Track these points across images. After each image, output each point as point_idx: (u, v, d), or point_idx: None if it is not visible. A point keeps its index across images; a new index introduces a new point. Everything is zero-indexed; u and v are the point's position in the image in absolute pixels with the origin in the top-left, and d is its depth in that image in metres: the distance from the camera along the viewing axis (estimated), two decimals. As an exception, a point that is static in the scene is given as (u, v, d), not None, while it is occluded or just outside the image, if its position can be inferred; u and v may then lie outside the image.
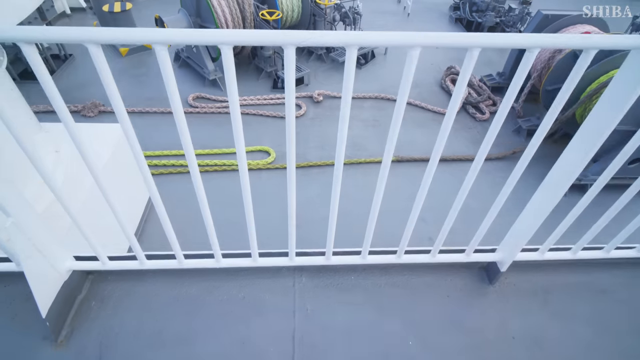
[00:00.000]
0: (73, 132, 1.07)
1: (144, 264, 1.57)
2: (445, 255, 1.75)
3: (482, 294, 1.81)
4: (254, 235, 1.54)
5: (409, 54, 1.00)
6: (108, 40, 0.89)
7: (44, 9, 7.38)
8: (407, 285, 1.80)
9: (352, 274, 1.81)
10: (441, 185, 5.78)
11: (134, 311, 1.62)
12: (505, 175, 1.40)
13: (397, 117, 1.16)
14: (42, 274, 1.40)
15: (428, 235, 5.36)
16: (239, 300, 1.68)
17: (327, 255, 1.67)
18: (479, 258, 1.77)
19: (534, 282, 1.87)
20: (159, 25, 7.16)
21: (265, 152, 6.22)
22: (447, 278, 1.84)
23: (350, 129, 6.81)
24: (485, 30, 9.99)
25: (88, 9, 10.37)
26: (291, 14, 8.07)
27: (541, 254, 1.78)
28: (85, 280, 1.66)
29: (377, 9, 11.39)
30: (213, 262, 1.62)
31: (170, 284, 1.71)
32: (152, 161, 5.84)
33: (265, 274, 1.77)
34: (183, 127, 1.08)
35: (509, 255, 1.72)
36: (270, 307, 1.68)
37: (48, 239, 1.42)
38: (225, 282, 1.73)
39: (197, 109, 6.94)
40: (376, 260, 1.73)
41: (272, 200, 5.52)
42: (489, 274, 1.85)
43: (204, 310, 1.65)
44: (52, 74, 7.63)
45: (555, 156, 1.33)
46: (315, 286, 1.76)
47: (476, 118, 7.12)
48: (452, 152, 6.44)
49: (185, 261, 1.60)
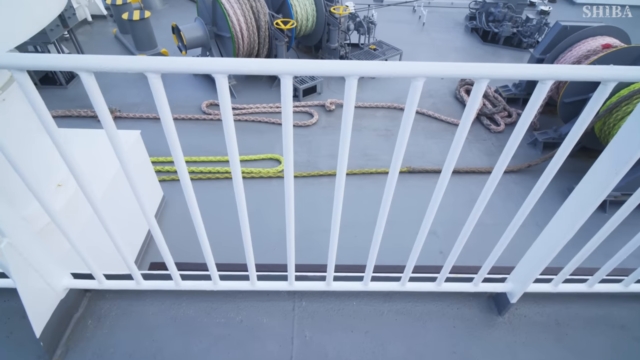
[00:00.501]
0: (68, 158, 1.04)
1: (140, 284, 1.55)
2: (452, 284, 1.67)
3: (491, 325, 1.72)
4: (252, 259, 1.50)
5: (413, 85, 0.95)
6: (98, 68, 0.87)
7: (66, 17, 7.57)
8: (411, 313, 1.73)
9: (355, 299, 1.75)
10: (454, 197, 5.68)
11: (131, 331, 1.60)
12: (519, 189, 1.30)
13: (398, 152, 1.10)
14: (37, 293, 1.39)
15: (439, 249, 5.24)
16: (237, 323, 1.64)
17: (328, 281, 1.61)
18: (487, 288, 1.69)
19: (546, 313, 1.77)
20: (175, 33, 7.29)
21: (276, 161, 6.22)
22: (454, 307, 1.76)
23: (362, 139, 6.75)
24: (502, 40, 9.82)
25: (109, 16, 10.66)
26: (305, 23, 8.09)
27: (554, 286, 1.68)
28: (83, 298, 1.65)
29: (392, 18, 11.34)
30: (210, 284, 1.59)
31: (168, 304, 1.68)
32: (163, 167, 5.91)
33: (265, 296, 1.72)
34: (173, 138, 1.05)
35: (520, 287, 1.63)
36: (268, 332, 1.63)
37: (45, 257, 1.41)
38: (224, 304, 1.69)
39: (210, 115, 7.01)
40: (379, 287, 1.67)
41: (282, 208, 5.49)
42: (498, 304, 1.76)
43: (200, 333, 1.62)
44: (71, 80, 7.83)
45: (572, 171, 1.20)
46: (315, 311, 1.71)
47: (491, 129, 6.97)
48: (466, 164, 6.31)
49: (182, 283, 1.58)
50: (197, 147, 6.36)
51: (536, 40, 9.52)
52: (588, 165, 1.24)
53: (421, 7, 11.66)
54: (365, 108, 7.48)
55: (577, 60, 6.03)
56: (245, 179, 5.79)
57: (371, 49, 8.55)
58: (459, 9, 12.37)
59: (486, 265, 1.59)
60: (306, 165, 6.16)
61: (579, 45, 6.16)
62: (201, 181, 5.79)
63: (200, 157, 6.19)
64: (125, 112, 6.94)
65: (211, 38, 7.22)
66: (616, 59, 5.57)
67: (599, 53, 5.77)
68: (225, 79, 0.93)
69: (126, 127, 6.76)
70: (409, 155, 6.43)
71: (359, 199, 5.63)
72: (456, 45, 10.01)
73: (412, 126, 1.08)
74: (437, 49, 9.81)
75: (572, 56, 6.13)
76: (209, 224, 1.34)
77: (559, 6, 12.99)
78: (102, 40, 9.54)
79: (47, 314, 1.45)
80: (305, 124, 6.96)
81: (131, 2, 9.19)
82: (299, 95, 7.47)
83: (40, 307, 1.41)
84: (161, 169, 5.94)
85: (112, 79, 7.82)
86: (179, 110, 6.95)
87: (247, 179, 5.77)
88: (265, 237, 4.24)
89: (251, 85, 8.13)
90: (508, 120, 7.08)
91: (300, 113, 7.27)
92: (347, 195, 5.99)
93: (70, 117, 6.78)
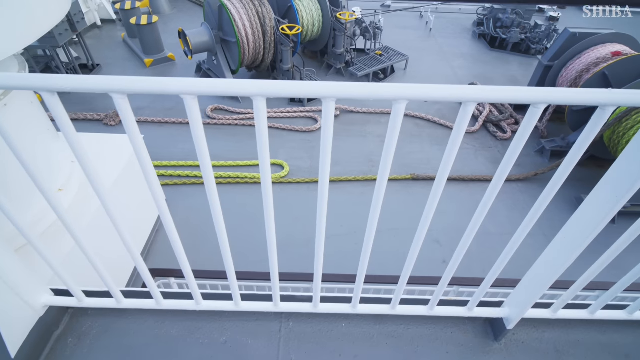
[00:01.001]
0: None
1: (121, 303, 1.51)
2: (445, 309, 1.60)
3: (486, 352, 1.64)
4: (235, 280, 1.45)
5: (395, 107, 0.89)
6: (60, 88, 0.83)
7: (75, 21, 7.66)
8: (403, 336, 1.66)
9: (344, 320, 1.68)
10: (458, 205, 5.57)
11: (111, 350, 1.55)
12: (525, 198, 1.21)
13: (380, 184, 1.04)
14: (12, 312, 1.35)
15: (442, 258, 5.13)
16: (221, 344, 1.59)
17: (315, 303, 1.55)
18: (482, 313, 1.61)
19: (545, 340, 1.69)
20: (181, 38, 7.32)
21: (279, 166, 6.18)
22: (448, 330, 1.68)
23: (366, 145, 6.69)
24: (510, 46, 9.69)
25: (117, 20, 10.78)
26: (311, 29, 8.07)
27: (554, 312, 1.60)
28: (64, 315, 1.61)
29: (399, 24, 11.28)
30: (193, 304, 1.54)
31: (151, 322, 1.63)
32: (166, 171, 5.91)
33: (251, 315, 1.67)
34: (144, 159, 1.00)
35: (518, 312, 1.55)
36: (253, 354, 1.57)
37: (22, 275, 1.38)
38: (208, 324, 1.63)
39: (214, 120, 7.02)
40: (368, 310, 1.60)
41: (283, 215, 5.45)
42: (494, 329, 1.68)
43: (183, 354, 1.56)
44: (79, 83, 7.89)
45: (580, 179, 1.07)
46: (302, 332, 1.65)
47: (497, 137, 6.85)
48: (471, 172, 6.20)
49: (164, 302, 1.53)
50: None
51: (545, 47, 9.37)
52: (596, 174, 1.15)
53: (428, 13, 11.57)
54: (370, 114, 7.42)
55: (585, 68, 5.90)
56: (247, 184, 5.76)
57: (377, 55, 8.50)
58: (467, 15, 12.26)
59: (482, 288, 1.51)
60: (309, 171, 6.12)
61: (588, 53, 6.03)
62: (201, 186, 5.79)
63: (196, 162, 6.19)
64: (129, 117, 6.98)
65: (217, 43, 7.23)
66: (626, 66, 5.43)
67: (608, 60, 5.64)
68: (195, 101, 0.88)
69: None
70: (414, 162, 6.34)
71: (363, 206, 5.56)
72: (463, 52, 9.90)
73: (417, 133, 1.02)
74: (444, 55, 9.71)
75: (581, 63, 6.01)
76: (208, 232, 1.27)
77: (569, 13, 12.79)
78: (111, 44, 9.63)
79: (24, 333, 1.41)
80: (310, 129, 6.92)
81: (140, 7, 9.28)
82: (303, 101, 7.45)
83: (16, 326, 1.37)
84: (164, 173, 5.95)
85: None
86: (183, 114, 6.96)
87: (250, 184, 5.74)
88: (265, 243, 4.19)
89: (256, 90, 8.12)
90: (515, 128, 6.95)
91: (305, 118, 7.24)
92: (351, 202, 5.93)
93: (76, 120, 6.84)
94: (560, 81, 6.46)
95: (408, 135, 6.97)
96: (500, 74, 8.94)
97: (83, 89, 0.83)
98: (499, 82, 8.60)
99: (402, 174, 6.07)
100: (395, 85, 0.86)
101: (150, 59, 8.55)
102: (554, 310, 1.60)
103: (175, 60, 8.92)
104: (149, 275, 1.39)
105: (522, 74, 8.95)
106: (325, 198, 1.10)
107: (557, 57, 6.49)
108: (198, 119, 0.91)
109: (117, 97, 0.85)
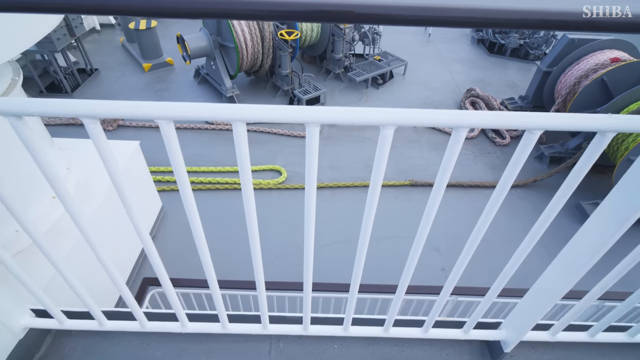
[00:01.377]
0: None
1: (103, 326, 1.46)
2: (440, 331, 1.54)
3: (483, 375, 1.58)
4: (220, 301, 1.40)
5: (382, 133, 0.84)
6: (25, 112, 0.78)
7: (73, 25, 7.63)
8: (397, 359, 1.60)
9: (336, 342, 1.63)
10: (457, 212, 5.52)
11: (94, 374, 1.50)
12: (524, 204, 1.15)
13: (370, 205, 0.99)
14: (-11, 337, 1.30)
15: (441, 266, 5.07)
16: (208, 367, 1.53)
17: (305, 325, 1.50)
18: (478, 336, 1.56)
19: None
20: (180, 43, 7.29)
21: (277, 172, 6.14)
22: (443, 352, 1.63)
23: (365, 150, 6.64)
24: (509, 52, 9.67)
25: (117, 25, 10.76)
26: (310, 34, 8.05)
27: (553, 335, 1.54)
28: (46, 336, 1.55)
29: (398, 29, 11.26)
30: (178, 326, 1.49)
31: (136, 344, 1.58)
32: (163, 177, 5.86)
33: (239, 337, 1.61)
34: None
35: (515, 335, 1.50)
36: (241, 379, 1.52)
37: (1, 297, 1.33)
38: (194, 345, 1.58)
39: (212, 125, 6.98)
40: (360, 332, 1.55)
41: (281, 221, 5.39)
42: (492, 351, 1.62)
43: (168, 378, 1.51)
44: (77, 87, 7.87)
45: (578, 186, 0.96)
46: (293, 354, 1.59)
47: (496, 142, 6.81)
48: (470, 178, 6.16)
49: (148, 324, 1.48)
50: (200, 156, 6.35)
51: (543, 52, 9.35)
52: (596, 180, 1.08)
53: (428, 17, 11.55)
54: (368, 120, 7.38)
55: (584, 74, 5.86)
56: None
57: (376, 60, 8.47)
58: (467, 19, 12.24)
59: (479, 309, 1.46)
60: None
61: (587, 59, 6.00)
62: (201, 191, 5.75)
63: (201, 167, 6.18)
64: (127, 121, 6.95)
65: (215, 48, 7.21)
66: (625, 73, 5.40)
67: (607, 67, 5.60)
68: (171, 125, 0.83)
69: (128, 136, 6.75)
70: (412, 168, 6.29)
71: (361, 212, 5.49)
72: (462, 57, 9.88)
73: (415, 138, 0.96)
74: (442, 60, 9.69)
75: (580, 69, 5.97)
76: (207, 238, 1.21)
77: (569, 17, 12.77)
78: (109, 48, 9.61)
79: (2, 358, 1.36)
80: (307, 135, 6.88)
81: (138, 11, 9.25)
82: (302, 103, 7.41)
83: (-7, 351, 1.32)
84: (161, 178, 5.90)
85: (117, 88, 7.86)
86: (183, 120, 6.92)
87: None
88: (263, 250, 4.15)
89: (254, 95, 8.10)
90: (514, 134, 6.92)
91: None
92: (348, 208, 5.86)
93: (75, 125, 6.80)
94: (559, 87, 6.42)
95: (406, 141, 6.92)
96: (499, 79, 8.91)
97: (57, 114, 0.78)
98: (497, 87, 8.56)
99: (401, 180, 6.02)
100: (382, 110, 0.81)
101: (149, 63, 8.52)
102: (552, 333, 1.54)
103: (174, 65, 8.89)
104: (132, 300, 1.33)
105: (521, 79, 8.92)
106: (312, 227, 1.05)
107: (556, 63, 6.46)
108: (175, 145, 0.86)
109: (89, 121, 0.80)
